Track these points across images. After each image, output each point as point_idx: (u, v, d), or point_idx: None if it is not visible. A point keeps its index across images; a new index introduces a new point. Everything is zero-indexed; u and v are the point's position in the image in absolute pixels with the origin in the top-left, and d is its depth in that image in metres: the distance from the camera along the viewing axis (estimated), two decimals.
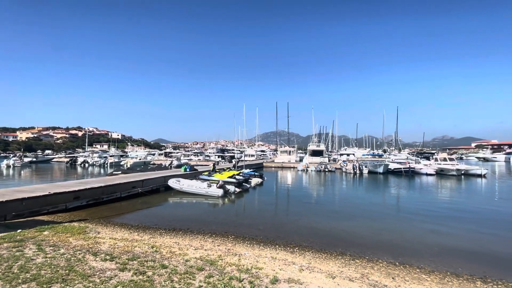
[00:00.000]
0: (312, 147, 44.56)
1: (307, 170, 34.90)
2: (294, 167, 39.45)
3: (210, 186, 16.72)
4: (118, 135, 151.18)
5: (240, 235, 8.82)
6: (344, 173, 32.00)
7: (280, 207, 14.57)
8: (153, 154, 59.74)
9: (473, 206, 14.16)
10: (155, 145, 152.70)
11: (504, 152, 76.74)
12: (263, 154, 64.32)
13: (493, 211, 13.09)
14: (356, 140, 76.51)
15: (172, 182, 17.92)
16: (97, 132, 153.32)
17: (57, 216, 10.73)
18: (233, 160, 38.64)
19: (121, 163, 44.19)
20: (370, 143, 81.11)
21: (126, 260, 5.57)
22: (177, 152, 58.76)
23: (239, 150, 56.69)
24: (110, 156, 50.54)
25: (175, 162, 34.28)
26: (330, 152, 61.30)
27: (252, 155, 52.29)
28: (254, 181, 21.75)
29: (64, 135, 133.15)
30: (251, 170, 27.72)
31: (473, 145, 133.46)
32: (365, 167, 31.15)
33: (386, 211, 13.34)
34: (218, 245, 7.53)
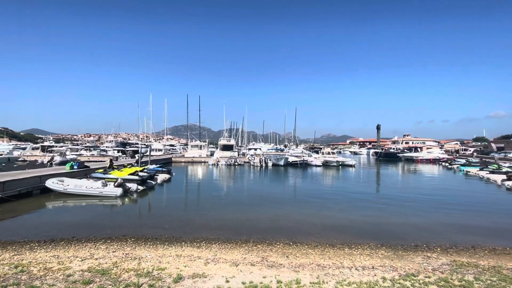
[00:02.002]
0: (223, 141, 45.45)
1: (217, 164, 35.38)
2: (205, 162, 39.17)
3: (106, 185, 14.53)
4: None
5: (142, 236, 8.09)
6: (252, 166, 34.21)
7: (189, 203, 14.18)
8: (24, 148, 46.54)
9: (346, 189, 17.98)
10: (28, 137, 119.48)
11: (366, 147, 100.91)
12: (173, 149, 60.79)
13: (358, 192, 16.96)
14: (263, 136, 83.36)
15: (51, 183, 14.51)
16: None
17: None
18: (136, 155, 34.67)
19: None
20: (274, 139, 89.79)
21: None
22: (61, 146, 47.61)
23: (144, 144, 51.43)
24: None
25: (58, 158, 27.79)
26: (240, 146, 64.16)
27: (160, 150, 48.54)
28: (161, 177, 20.31)
29: None
30: (158, 165, 25.71)
31: (348, 141, 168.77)
32: (270, 160, 34.32)
33: (285, 198, 15.18)
34: (113, 251, 6.66)
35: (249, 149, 51.63)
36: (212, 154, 44.42)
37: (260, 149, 48.77)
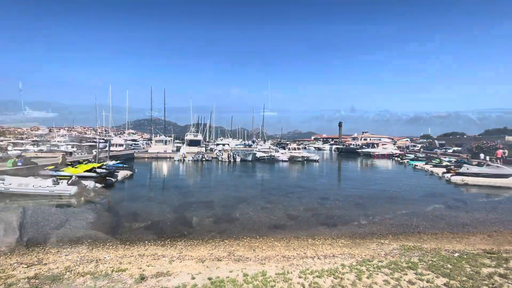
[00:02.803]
0: (189, 136, 44.16)
1: (184, 160, 34.36)
2: (170, 158, 37.73)
3: (58, 183, 13.23)
4: None
5: (100, 237, 7.56)
6: (220, 162, 33.88)
7: (152, 201, 13.54)
8: None
9: (310, 183, 18.80)
10: None
11: (329, 144, 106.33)
12: (135, 144, 57.37)
13: (322, 186, 17.86)
14: (231, 131, 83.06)
15: None
16: None
17: None
18: (93, 151, 32.03)
19: None
20: (242, 134, 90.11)
21: None
22: (1, 140, 41.95)
23: (103, 139, 47.76)
24: None
25: None
26: (208, 142, 63.00)
27: (121, 145, 45.39)
28: (122, 174, 19.11)
29: None
30: (118, 161, 24.09)
31: (312, 137, 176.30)
32: (238, 156, 34.35)
33: (252, 193, 15.32)
34: (66, 255, 6.12)
35: (217, 144, 51.03)
36: (178, 150, 42.90)
37: (228, 144, 48.49)
